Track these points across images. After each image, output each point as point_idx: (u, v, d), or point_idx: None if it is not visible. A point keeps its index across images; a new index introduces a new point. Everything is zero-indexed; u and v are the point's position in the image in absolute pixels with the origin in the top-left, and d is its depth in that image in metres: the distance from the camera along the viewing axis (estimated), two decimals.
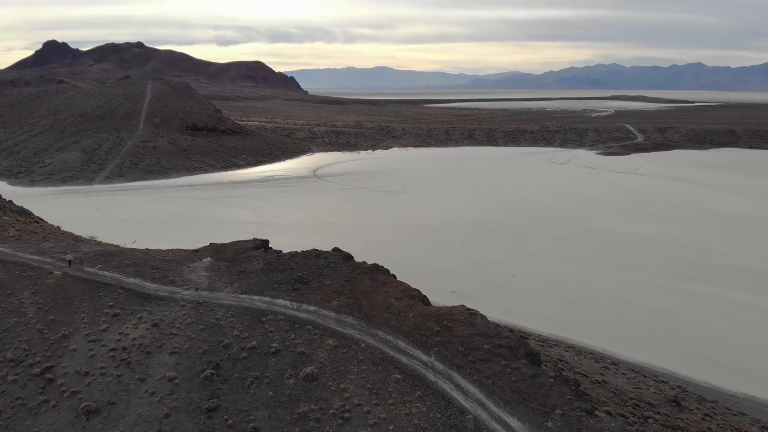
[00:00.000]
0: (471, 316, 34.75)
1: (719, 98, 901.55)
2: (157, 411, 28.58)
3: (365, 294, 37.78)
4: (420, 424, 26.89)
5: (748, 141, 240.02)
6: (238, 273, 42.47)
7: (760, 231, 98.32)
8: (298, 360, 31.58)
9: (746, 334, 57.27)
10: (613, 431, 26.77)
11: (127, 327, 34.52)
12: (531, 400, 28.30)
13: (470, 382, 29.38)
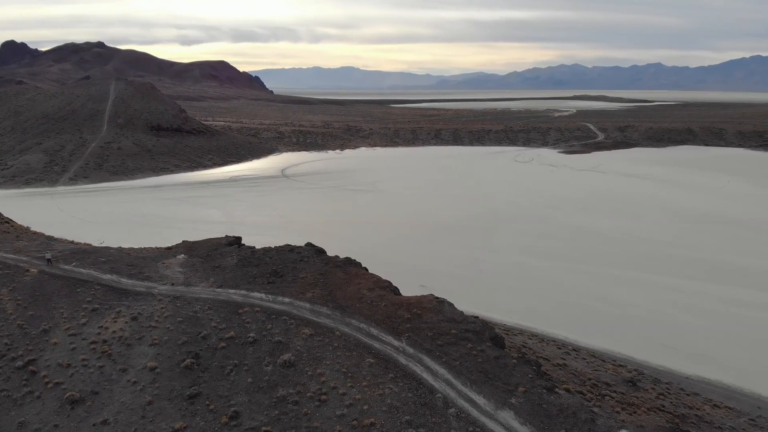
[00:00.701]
0: (439, 303, 36.68)
1: (678, 97, 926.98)
2: (139, 399, 29.70)
3: (338, 286, 39.38)
4: (393, 404, 28.66)
5: (704, 138, 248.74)
6: (212, 268, 43.59)
7: (713, 224, 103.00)
8: (275, 348, 33.01)
9: (699, 321, 60.63)
10: (571, 406, 28.96)
11: (106, 321, 35.42)
12: (496, 380, 30.34)
13: (439, 364, 31.28)
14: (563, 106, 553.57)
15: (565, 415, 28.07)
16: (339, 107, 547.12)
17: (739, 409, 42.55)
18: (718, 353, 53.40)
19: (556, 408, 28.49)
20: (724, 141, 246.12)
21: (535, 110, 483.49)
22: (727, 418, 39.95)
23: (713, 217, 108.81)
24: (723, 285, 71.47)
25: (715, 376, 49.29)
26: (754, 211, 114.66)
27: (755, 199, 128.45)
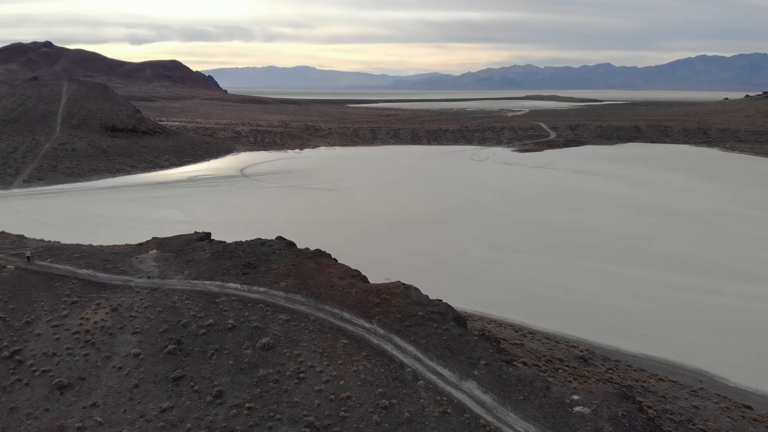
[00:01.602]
0: (406, 289, 39.34)
1: (626, 97, 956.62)
2: (126, 383, 31.35)
3: (310, 275, 41.60)
4: (367, 378, 31.14)
5: (650, 136, 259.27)
6: (186, 262, 45.13)
7: (657, 216, 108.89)
8: (253, 333, 35.04)
9: (645, 305, 65.01)
10: (528, 376, 32.00)
11: (87, 312, 36.75)
12: (459, 354, 33.16)
13: (408, 343, 33.91)
14: (516, 106, 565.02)
15: (523, 384, 31.08)
16: (296, 107, 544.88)
17: (682, 383, 46.56)
18: (662, 333, 57.65)
19: (514, 378, 31.49)
20: (670, 138, 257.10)
21: (490, 110, 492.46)
22: (670, 389, 43.83)
23: (658, 210, 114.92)
24: (666, 272, 76.41)
25: (659, 354, 53.36)
26: (697, 204, 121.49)
27: (698, 192, 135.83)
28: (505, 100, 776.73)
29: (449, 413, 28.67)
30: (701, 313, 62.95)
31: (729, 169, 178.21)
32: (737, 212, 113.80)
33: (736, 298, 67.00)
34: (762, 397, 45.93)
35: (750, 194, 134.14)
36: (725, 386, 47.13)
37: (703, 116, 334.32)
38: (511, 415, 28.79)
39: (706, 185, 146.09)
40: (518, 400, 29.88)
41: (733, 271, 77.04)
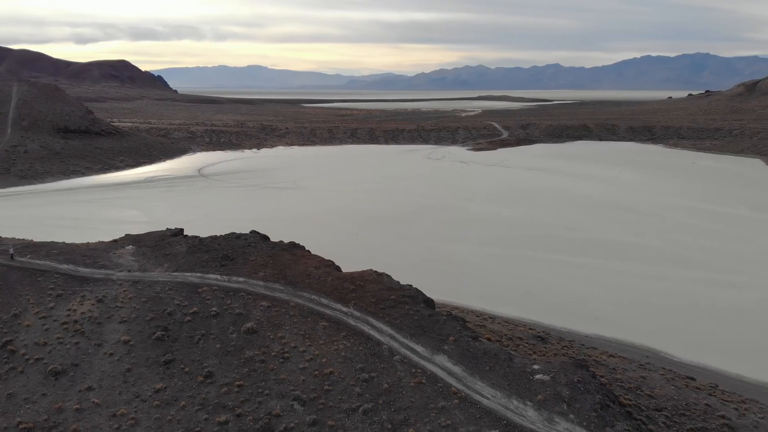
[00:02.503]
0: (378, 276, 42.13)
1: (575, 96, 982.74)
2: (119, 367, 33.14)
3: (287, 265, 43.91)
4: (347, 356, 33.79)
5: (598, 134, 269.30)
6: (164, 256, 46.77)
7: (605, 210, 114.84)
8: (237, 319, 37.20)
9: (595, 290, 69.55)
10: (493, 350, 35.21)
11: (73, 304, 38.18)
12: (430, 332, 36.15)
13: (383, 323, 36.69)
14: (469, 106, 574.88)
15: (488, 357, 34.26)
16: (250, 106, 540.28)
17: (631, 358, 50.77)
18: (611, 315, 62.06)
19: (480, 351, 34.65)
20: (617, 136, 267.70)
21: (444, 110, 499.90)
22: (620, 363, 47.86)
23: (606, 204, 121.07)
24: (613, 260, 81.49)
25: (610, 334, 57.62)
26: (642, 197, 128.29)
27: (643, 186, 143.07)
28: (458, 101, 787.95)
29: (424, 383, 31.59)
30: (647, 296, 67.82)
31: (672, 164, 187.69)
32: (679, 204, 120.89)
33: (677, 282, 72.32)
34: (703, 369, 50.51)
35: (691, 187, 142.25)
36: (670, 361, 51.63)
37: (648, 115, 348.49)
38: (479, 384, 31.91)
39: (650, 180, 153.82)
40: (485, 370, 33.04)
41: (675, 258, 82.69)
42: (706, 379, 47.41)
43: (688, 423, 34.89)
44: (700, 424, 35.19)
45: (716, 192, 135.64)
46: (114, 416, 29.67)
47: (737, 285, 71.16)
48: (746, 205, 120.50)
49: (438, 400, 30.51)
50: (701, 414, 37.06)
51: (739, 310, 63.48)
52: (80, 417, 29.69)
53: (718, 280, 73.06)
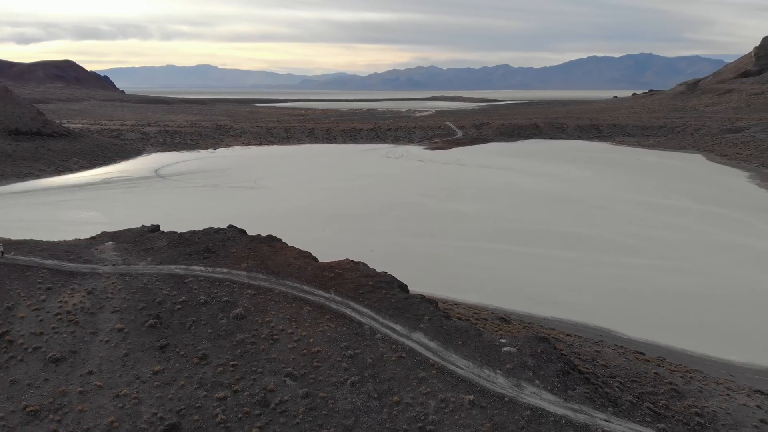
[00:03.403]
0: (355, 264, 45.03)
1: (524, 96, 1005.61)
2: (116, 353, 35.03)
3: (267, 257, 46.29)
4: (332, 336, 36.56)
5: (548, 132, 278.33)
6: (146, 250, 48.38)
7: (557, 204, 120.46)
8: (225, 306, 39.44)
9: (550, 277, 74.06)
10: (463, 327, 38.55)
11: (63, 296, 39.66)
12: (407, 313, 39.26)
13: (363, 306, 39.60)
14: (423, 107, 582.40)
15: (460, 333, 37.59)
16: (201, 107, 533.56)
17: (586, 337, 55.06)
18: (567, 300, 66.49)
19: (452, 329, 37.96)
20: (566, 134, 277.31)
21: (398, 110, 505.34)
22: (577, 341, 52.00)
23: (557, 198, 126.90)
24: (566, 250, 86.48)
25: (566, 317, 61.92)
26: (591, 192, 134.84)
27: (592, 182, 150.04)
28: (412, 101, 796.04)
29: (404, 357, 34.67)
30: (599, 281, 72.76)
31: (618, 160, 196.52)
32: (625, 197, 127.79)
33: (626, 268, 77.62)
34: (651, 345, 55.15)
35: (636, 182, 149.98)
36: (621, 338, 56.23)
37: (594, 113, 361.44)
38: (454, 356, 35.20)
39: (599, 175, 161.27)
40: (458, 344, 36.36)
41: (623, 246, 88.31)
42: (655, 353, 52.02)
43: (640, 388, 39.06)
44: (651, 388, 39.41)
45: (661, 186, 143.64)
46: (117, 396, 31.65)
47: (681, 270, 76.92)
48: (689, 197, 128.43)
49: (418, 372, 33.64)
50: (651, 381, 41.35)
51: (682, 292, 68.94)
52: (84, 399, 31.55)
53: (663, 266, 78.70)
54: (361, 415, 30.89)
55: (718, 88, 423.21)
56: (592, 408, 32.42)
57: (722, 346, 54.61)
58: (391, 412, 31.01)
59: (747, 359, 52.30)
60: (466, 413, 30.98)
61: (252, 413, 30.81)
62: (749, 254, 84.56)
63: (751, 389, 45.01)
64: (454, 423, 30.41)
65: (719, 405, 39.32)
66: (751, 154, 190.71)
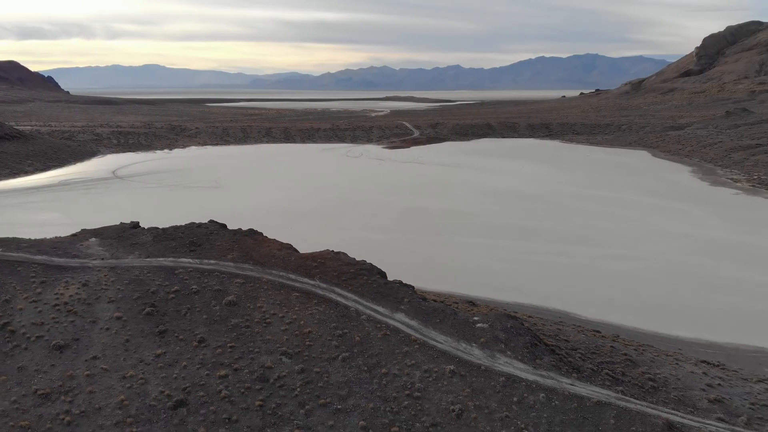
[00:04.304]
0: (336, 254, 48.02)
1: (475, 97, 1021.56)
2: (117, 339, 37.07)
3: (252, 249, 48.75)
4: (321, 318, 39.47)
5: (501, 132, 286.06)
6: (131, 245, 50.07)
7: (512, 199, 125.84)
8: (216, 294, 41.81)
9: (510, 266, 78.56)
10: (440, 308, 42.05)
11: (58, 289, 41.26)
12: (388, 296, 42.51)
13: (347, 291, 42.64)
14: (378, 107, 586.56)
15: (437, 313, 41.08)
16: (151, 107, 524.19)
17: (546, 318, 59.42)
18: (528, 287, 70.90)
19: (430, 309, 41.42)
20: (518, 133, 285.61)
21: (354, 110, 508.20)
22: (539, 322, 56.19)
23: (513, 193, 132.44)
24: (523, 241, 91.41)
25: (528, 302, 66.15)
26: (544, 187, 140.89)
27: (544, 177, 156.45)
28: (366, 101, 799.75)
29: (388, 335, 37.91)
30: (555, 269, 77.63)
31: (569, 157, 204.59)
32: (577, 192, 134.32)
33: (580, 257, 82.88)
34: (606, 324, 59.80)
35: (586, 177, 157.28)
36: (579, 319, 60.89)
37: (544, 113, 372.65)
38: (433, 333, 38.65)
39: (550, 171, 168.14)
40: (436, 322, 39.83)
41: (576, 237, 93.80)
42: (610, 331, 56.78)
43: (598, 358, 43.41)
44: (608, 359, 43.80)
45: (609, 180, 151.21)
46: (124, 378, 33.80)
47: (630, 257, 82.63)
48: (636, 190, 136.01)
49: (402, 347, 36.94)
50: (608, 353, 45.83)
51: (632, 277, 74.41)
52: (92, 381, 33.57)
53: (614, 254, 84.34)
54: (354, 386, 33.97)
55: (661, 87, 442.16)
56: (558, 374, 36.37)
57: (670, 323, 59.87)
58: (381, 383, 34.22)
59: (693, 334, 57.66)
60: (447, 381, 34.45)
61: (253, 388, 33.47)
62: (692, 242, 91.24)
63: (698, 360, 50.17)
64: (438, 390, 33.85)
65: (670, 372, 44.06)
66: (693, 150, 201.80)
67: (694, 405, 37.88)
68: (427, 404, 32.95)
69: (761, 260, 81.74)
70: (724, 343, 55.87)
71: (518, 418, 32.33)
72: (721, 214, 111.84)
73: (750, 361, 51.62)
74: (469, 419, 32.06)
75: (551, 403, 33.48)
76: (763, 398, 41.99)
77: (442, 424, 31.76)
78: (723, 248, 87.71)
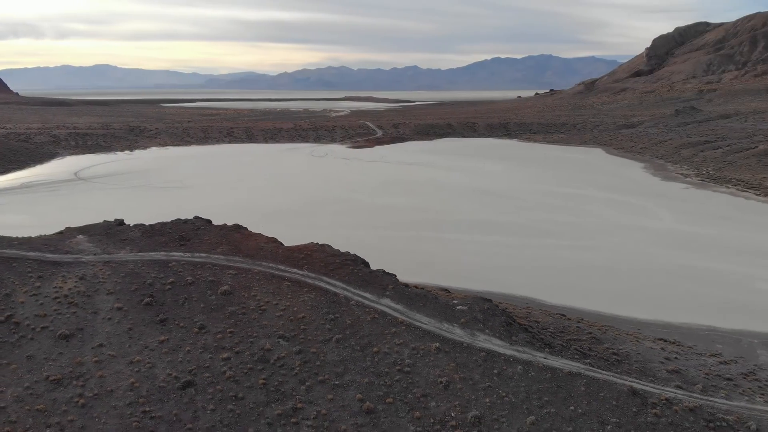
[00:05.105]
0: (321, 246, 50.71)
1: (433, 97, 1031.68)
2: (121, 327, 38.99)
3: (240, 242, 51.01)
4: (313, 304, 42.16)
5: (461, 131, 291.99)
6: (120, 241, 51.65)
7: (475, 195, 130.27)
8: (211, 285, 44.00)
9: (481, 259, 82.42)
10: (422, 293, 45.24)
11: (57, 282, 42.79)
12: (373, 284, 45.46)
13: (335, 280, 45.41)
14: (338, 107, 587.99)
15: (419, 297, 44.26)
16: (105, 108, 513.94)
17: (516, 305, 63.02)
18: (496, 276, 74.75)
19: (413, 294, 44.58)
20: (477, 133, 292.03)
21: (314, 110, 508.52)
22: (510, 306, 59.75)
23: (475, 190, 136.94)
24: (488, 235, 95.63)
25: (496, 290, 69.63)
26: (505, 184, 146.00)
27: (505, 175, 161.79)
28: (325, 101, 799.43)
29: (377, 318, 40.88)
30: (521, 260, 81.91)
31: (527, 155, 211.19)
32: (537, 188, 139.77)
33: (542, 249, 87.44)
34: (571, 309, 63.92)
35: (545, 174, 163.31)
36: (545, 304, 64.98)
37: (502, 113, 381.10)
38: (417, 315, 41.80)
39: (511, 169, 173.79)
40: (419, 306, 43.01)
41: (538, 230, 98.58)
42: (574, 315, 60.98)
43: (567, 336, 47.34)
44: (575, 337, 47.78)
45: (567, 177, 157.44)
46: (131, 363, 35.82)
47: (589, 248, 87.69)
48: (592, 186, 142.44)
49: (390, 328, 39.97)
50: (575, 332, 49.87)
51: (592, 266, 79.27)
52: (101, 367, 35.50)
53: (574, 245, 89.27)
54: (349, 364, 36.83)
55: (613, 87, 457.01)
56: (532, 349, 39.99)
57: (629, 307, 64.55)
58: (374, 360, 37.17)
59: (650, 316, 62.39)
60: (434, 357, 37.65)
61: (255, 369, 35.97)
62: (646, 233, 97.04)
63: (655, 338, 54.76)
64: (425, 365, 37.01)
65: (631, 348, 48.36)
66: (645, 147, 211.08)
67: (654, 375, 42.06)
68: (417, 378, 36.06)
69: (710, 248, 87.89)
70: (679, 323, 60.76)
71: (499, 387, 35.73)
72: (673, 207, 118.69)
73: (703, 339, 56.52)
74: (456, 390, 35.30)
75: (528, 374, 37.00)
76: (716, 370, 46.69)
77: (431, 394, 34.91)
78: (675, 238, 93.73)
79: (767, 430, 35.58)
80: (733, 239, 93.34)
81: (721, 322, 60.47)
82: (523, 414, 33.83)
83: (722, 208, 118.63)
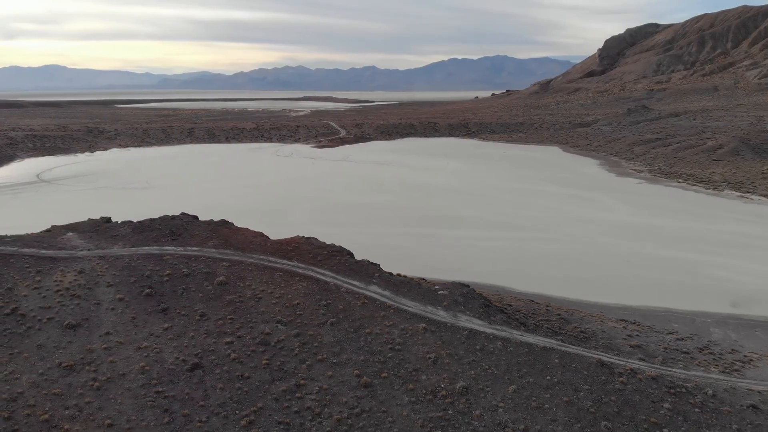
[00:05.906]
0: (308, 239, 53.46)
1: (392, 97, 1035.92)
2: (125, 316, 41.03)
3: (229, 237, 53.31)
4: (306, 292, 44.95)
5: (423, 131, 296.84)
6: (112, 237, 53.28)
7: (442, 192, 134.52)
8: (207, 276, 46.31)
9: (453, 252, 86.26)
10: (406, 280, 48.53)
11: (56, 276, 44.42)
12: (361, 273, 48.53)
13: (324, 269, 48.29)
14: (297, 107, 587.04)
15: (404, 284, 47.58)
16: (57, 109, 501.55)
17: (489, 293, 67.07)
18: (468, 267, 78.50)
19: (398, 281, 47.87)
20: (438, 132, 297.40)
21: (273, 110, 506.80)
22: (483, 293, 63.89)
23: (441, 187, 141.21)
24: (456, 229, 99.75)
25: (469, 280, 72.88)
26: (469, 181, 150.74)
27: (469, 173, 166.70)
28: (284, 101, 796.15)
29: (367, 303, 43.98)
30: (489, 252, 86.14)
31: (488, 154, 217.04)
32: (499, 185, 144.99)
33: (509, 240, 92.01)
34: (538, 295, 67.90)
35: (506, 172, 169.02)
36: (514, 292, 69.10)
37: (461, 113, 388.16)
38: (404, 300, 45.09)
39: (473, 167, 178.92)
40: (405, 291, 46.31)
41: (503, 224, 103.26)
42: (542, 300, 65.26)
43: (538, 317, 51.37)
44: (545, 318, 51.87)
45: (526, 174, 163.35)
46: (139, 348, 37.99)
47: (551, 240, 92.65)
48: (550, 182, 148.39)
49: (380, 312, 43.13)
50: (544, 314, 53.99)
51: (555, 256, 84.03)
52: (111, 353, 37.56)
53: (537, 237, 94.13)
54: (344, 344, 39.82)
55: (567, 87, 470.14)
56: (509, 328, 43.77)
57: (591, 292, 69.25)
58: (367, 340, 40.26)
59: (611, 300, 67.14)
60: (421, 336, 40.98)
61: (257, 351, 38.60)
62: (602, 225, 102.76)
63: (618, 319, 59.37)
64: (414, 343, 40.30)
65: (596, 327, 52.73)
66: (600, 145, 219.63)
67: (619, 349, 46.40)
68: (408, 354, 39.32)
69: (663, 238, 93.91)
70: (638, 306, 65.70)
71: (482, 361, 39.29)
72: (627, 200, 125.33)
73: (661, 319, 61.44)
74: (444, 364, 38.70)
75: (507, 349, 40.69)
76: (673, 345, 51.45)
77: (422, 369, 38.21)
78: (631, 229, 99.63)
79: (722, 395, 40.11)
80: (685, 230, 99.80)
81: (676, 304, 65.66)
82: (505, 384, 37.44)
83: (674, 202, 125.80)
